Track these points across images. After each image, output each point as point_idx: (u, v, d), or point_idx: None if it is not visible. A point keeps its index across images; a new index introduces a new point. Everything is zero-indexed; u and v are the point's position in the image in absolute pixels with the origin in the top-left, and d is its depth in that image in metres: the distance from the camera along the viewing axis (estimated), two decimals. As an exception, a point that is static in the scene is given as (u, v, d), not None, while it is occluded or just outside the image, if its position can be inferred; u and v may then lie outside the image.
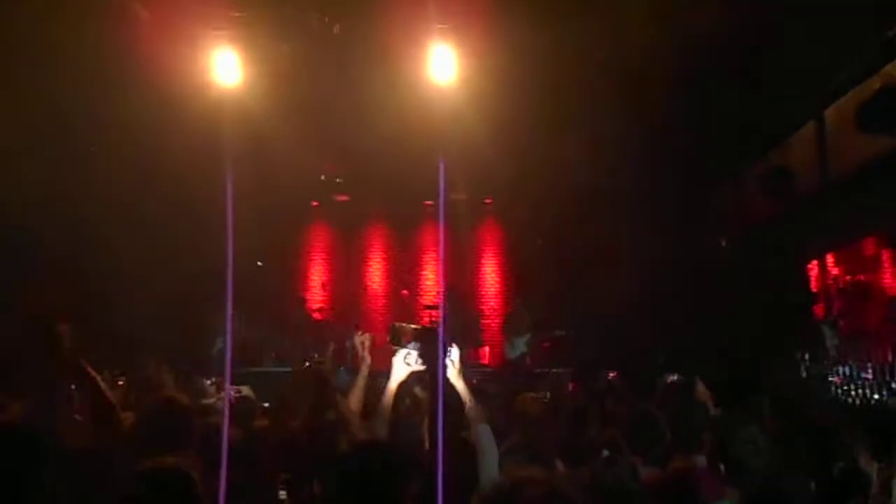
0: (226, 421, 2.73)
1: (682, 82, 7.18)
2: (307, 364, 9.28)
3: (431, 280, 13.27)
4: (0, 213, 6.57)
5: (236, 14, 6.03)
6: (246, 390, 6.66)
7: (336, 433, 3.14)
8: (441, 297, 11.95)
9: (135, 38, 5.79)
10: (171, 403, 2.82)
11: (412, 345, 2.95)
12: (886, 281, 6.93)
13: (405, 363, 3.33)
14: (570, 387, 7.22)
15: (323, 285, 12.75)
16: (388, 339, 3.09)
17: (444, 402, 2.38)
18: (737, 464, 2.95)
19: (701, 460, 3.32)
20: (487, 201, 13.02)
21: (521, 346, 10.72)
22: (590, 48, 7.20)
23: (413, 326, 2.85)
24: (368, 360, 3.50)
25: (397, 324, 2.98)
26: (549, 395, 7.01)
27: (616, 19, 6.73)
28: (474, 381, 7.34)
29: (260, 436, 3.31)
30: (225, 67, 6.12)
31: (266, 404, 5.21)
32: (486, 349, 12.29)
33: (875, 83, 6.01)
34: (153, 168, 8.01)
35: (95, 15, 5.55)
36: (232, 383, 8.04)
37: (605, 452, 3.64)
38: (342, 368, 8.82)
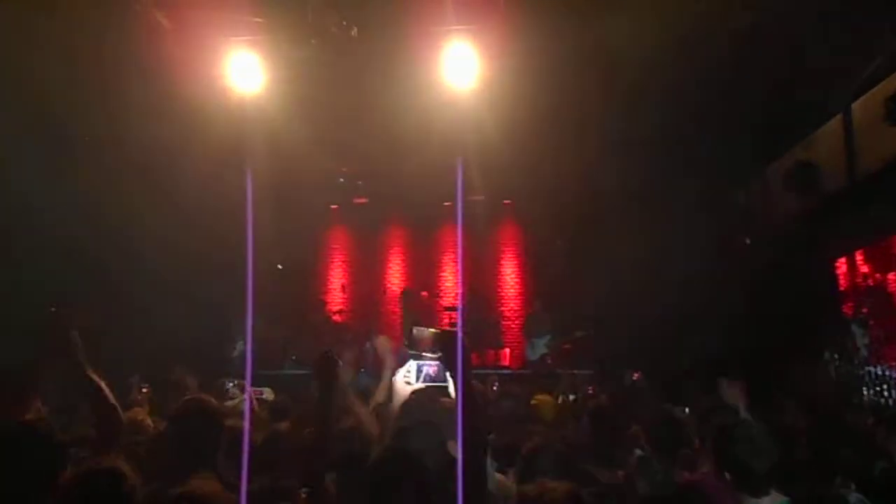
0: (247, 423, 2.73)
1: (706, 79, 7.11)
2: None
3: (451, 281, 13.26)
4: (22, 219, 6.67)
5: (256, 20, 6.07)
6: (267, 392, 6.70)
7: (352, 436, 3.12)
8: (459, 298, 11.89)
9: (156, 46, 5.85)
10: (200, 404, 2.82)
11: (431, 350, 2.71)
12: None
13: (405, 382, 3.30)
14: (590, 389, 7.12)
15: (342, 287, 12.80)
16: (405, 343, 2.97)
17: (466, 410, 2.32)
18: (737, 466, 2.87)
19: None
20: (506, 202, 12.97)
21: (540, 347, 10.68)
22: (610, 47, 7.14)
23: (432, 331, 2.64)
24: (391, 363, 3.48)
25: (415, 328, 2.74)
26: (570, 396, 6.94)
27: (638, 17, 6.68)
28: (495, 384, 7.30)
29: (281, 438, 3.29)
30: (245, 72, 6.21)
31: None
32: (507, 351, 12.24)
33: (903, 76, 5.89)
34: (174, 173, 8.09)
35: (117, 24, 5.63)
36: (253, 385, 8.12)
37: (638, 452, 3.60)
38: (363, 371, 8.82)
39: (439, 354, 2.54)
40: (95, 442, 2.45)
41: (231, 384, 6.57)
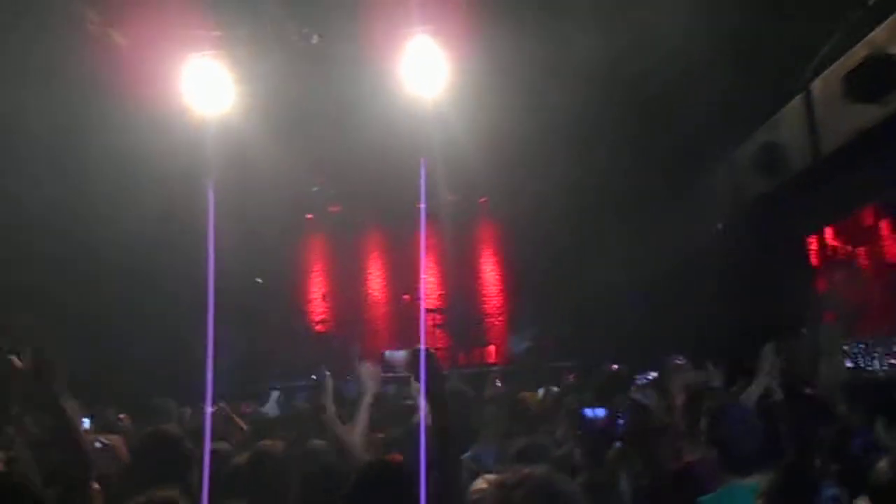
0: (207, 442, 2.70)
1: (668, 69, 7.17)
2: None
3: (432, 283, 13.26)
4: None
5: (215, 34, 6.01)
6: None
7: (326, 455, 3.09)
8: (419, 299, 11.83)
9: (113, 65, 5.76)
10: (158, 436, 2.79)
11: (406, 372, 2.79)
12: (886, 250, 6.90)
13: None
14: (571, 377, 7.19)
15: (323, 297, 12.74)
16: (382, 371, 2.95)
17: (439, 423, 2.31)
18: (728, 446, 2.88)
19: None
20: (482, 200, 13.00)
21: (524, 340, 10.68)
22: (571, 44, 7.18)
23: (403, 353, 2.70)
24: (373, 390, 3.44)
25: (387, 352, 2.79)
26: (553, 389, 6.97)
27: (598, 14, 6.73)
28: (497, 381, 7.34)
29: (263, 456, 3.23)
30: (207, 87, 6.13)
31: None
32: (492, 348, 12.29)
33: (860, 52, 5.97)
34: (140, 193, 7.94)
35: (69, 44, 5.52)
36: (239, 400, 8.03)
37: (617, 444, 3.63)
38: (349, 379, 8.79)
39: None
40: (67, 475, 2.39)
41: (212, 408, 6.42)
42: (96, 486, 2.45)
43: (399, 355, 2.78)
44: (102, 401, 5.43)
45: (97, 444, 4.09)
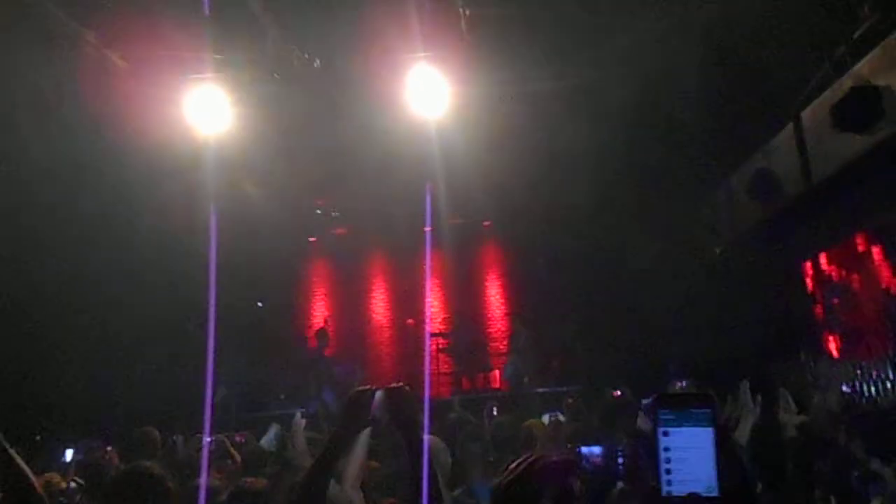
0: (204, 475, 2.67)
1: (668, 98, 7.30)
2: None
3: (437, 307, 13.28)
4: None
5: (217, 56, 6.14)
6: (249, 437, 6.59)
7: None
8: (424, 323, 11.85)
9: (112, 87, 5.84)
10: (135, 474, 2.69)
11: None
12: (879, 275, 6.94)
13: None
14: (570, 400, 7.18)
15: (326, 321, 12.78)
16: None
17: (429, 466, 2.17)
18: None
19: None
20: (486, 224, 13.08)
21: (512, 364, 10.56)
22: (570, 69, 7.33)
23: (378, 391, 2.23)
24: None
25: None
26: (559, 415, 6.92)
27: (596, 41, 6.88)
28: (494, 409, 7.30)
29: (242, 493, 3.17)
30: (208, 110, 6.16)
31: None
32: (496, 372, 12.19)
33: (846, 83, 6.09)
34: (140, 218, 8.03)
35: (72, 70, 5.62)
36: (236, 429, 8.03)
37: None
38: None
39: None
40: None
41: (209, 439, 6.32)
42: None
43: (373, 394, 2.36)
44: (91, 431, 5.39)
45: (71, 485, 4.10)
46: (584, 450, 3.84)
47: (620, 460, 3.64)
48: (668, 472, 1.40)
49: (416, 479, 2.13)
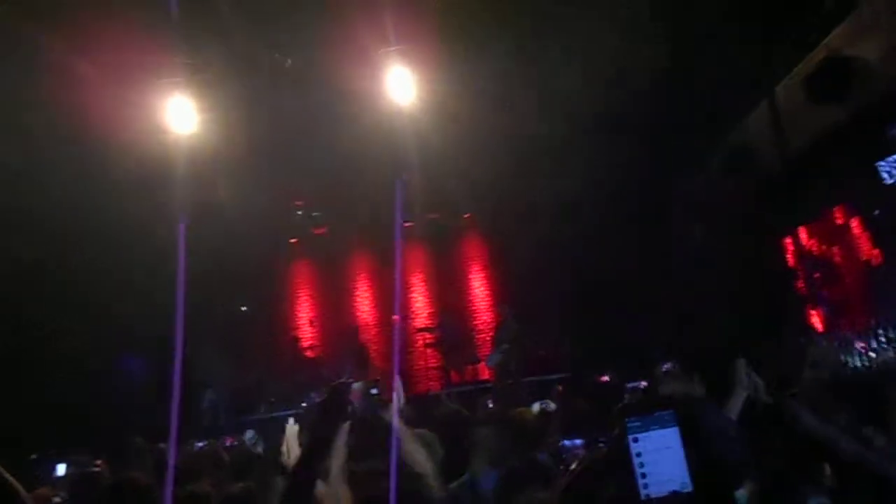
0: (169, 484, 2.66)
1: (638, 81, 7.30)
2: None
3: (421, 302, 13.25)
4: None
5: (186, 60, 6.04)
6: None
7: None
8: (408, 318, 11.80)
9: (78, 94, 5.74)
10: (124, 486, 2.74)
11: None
12: (859, 247, 7.00)
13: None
14: (560, 388, 7.19)
15: (311, 322, 12.68)
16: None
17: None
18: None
19: None
20: (466, 216, 13.06)
21: (497, 355, 10.55)
22: (541, 60, 7.31)
23: (356, 385, 2.29)
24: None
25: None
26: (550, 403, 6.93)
27: (566, 31, 6.86)
28: (489, 402, 7.27)
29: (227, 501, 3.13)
30: (180, 115, 6.10)
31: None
32: (484, 364, 12.23)
33: (818, 55, 6.12)
34: (112, 225, 7.89)
35: (38, 76, 5.52)
36: (229, 433, 7.97)
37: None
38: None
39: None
40: None
41: (200, 444, 6.25)
42: None
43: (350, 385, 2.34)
44: (79, 441, 5.31)
45: (56, 500, 4.05)
46: (567, 443, 3.90)
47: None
48: (643, 475, 1.48)
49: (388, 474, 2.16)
